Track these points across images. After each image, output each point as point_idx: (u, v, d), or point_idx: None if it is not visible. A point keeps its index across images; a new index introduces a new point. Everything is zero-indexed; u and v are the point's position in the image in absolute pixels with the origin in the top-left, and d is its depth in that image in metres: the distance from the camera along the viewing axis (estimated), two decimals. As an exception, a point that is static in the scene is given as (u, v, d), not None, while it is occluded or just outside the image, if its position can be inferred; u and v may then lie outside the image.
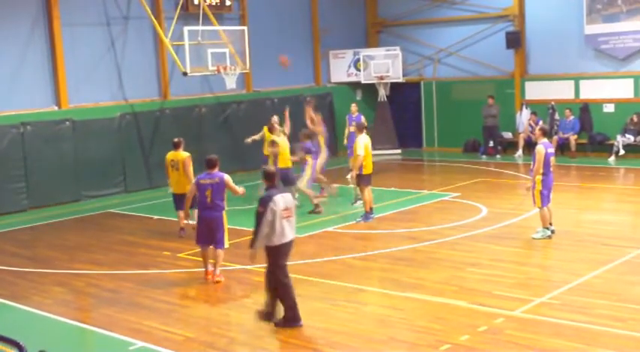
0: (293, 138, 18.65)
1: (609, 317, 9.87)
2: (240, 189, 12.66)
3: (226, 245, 12.64)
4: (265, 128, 19.28)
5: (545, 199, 14.02)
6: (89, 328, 10.81)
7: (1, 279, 13.36)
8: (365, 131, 16.78)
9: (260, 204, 9.90)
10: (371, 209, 16.53)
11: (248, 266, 13.16)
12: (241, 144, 21.16)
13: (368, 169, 16.38)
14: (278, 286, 10.06)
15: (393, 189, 20.13)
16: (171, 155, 15.54)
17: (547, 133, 14.72)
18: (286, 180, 16.66)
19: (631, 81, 23.61)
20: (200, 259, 12.99)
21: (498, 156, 25.09)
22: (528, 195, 18.80)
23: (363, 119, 19.83)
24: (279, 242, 9.92)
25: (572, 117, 24.21)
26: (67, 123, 20.58)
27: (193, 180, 13.01)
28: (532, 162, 14.18)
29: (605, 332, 9.41)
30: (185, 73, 20.72)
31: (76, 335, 10.76)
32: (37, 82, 20.48)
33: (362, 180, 16.38)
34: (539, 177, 13.94)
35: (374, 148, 27.19)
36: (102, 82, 21.70)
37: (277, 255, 10.01)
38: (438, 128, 27.67)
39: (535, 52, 25.57)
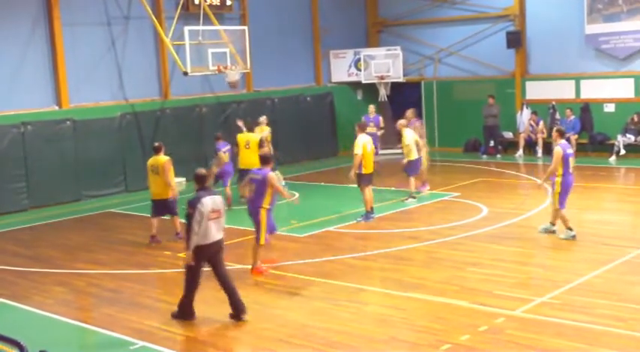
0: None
1: (610, 317, 9.87)
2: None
3: (261, 242, 12.70)
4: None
5: (563, 200, 13.93)
6: (90, 328, 10.81)
7: (1, 279, 13.36)
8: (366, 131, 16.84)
9: (189, 206, 10.37)
10: (372, 208, 16.53)
11: (248, 266, 13.17)
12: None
13: (368, 169, 16.40)
14: (187, 283, 10.54)
15: (393, 188, 20.12)
16: (152, 160, 15.49)
17: (564, 134, 14.56)
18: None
19: (631, 81, 23.60)
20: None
21: (499, 155, 25.09)
22: (530, 195, 18.85)
23: (380, 120, 19.87)
24: (201, 243, 10.28)
25: (572, 117, 24.20)
26: (68, 122, 20.58)
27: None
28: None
29: (606, 332, 9.40)
30: (186, 73, 20.72)
31: (77, 335, 10.76)
32: (38, 81, 20.48)
33: (362, 179, 16.39)
34: (558, 179, 13.85)
35: (374, 148, 27.33)
36: (102, 81, 21.70)
37: (199, 255, 10.32)
38: (438, 128, 27.66)
39: (536, 52, 25.56)
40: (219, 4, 23.58)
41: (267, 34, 25.47)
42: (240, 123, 19.36)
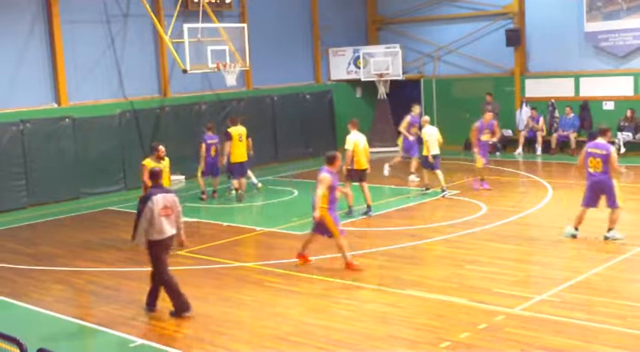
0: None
1: (609, 315, 9.87)
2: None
3: (336, 234, 12.64)
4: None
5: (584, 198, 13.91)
6: (89, 325, 10.80)
7: (0, 277, 13.36)
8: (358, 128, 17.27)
9: (140, 202, 10.88)
10: (369, 206, 16.56)
11: (248, 264, 13.17)
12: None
13: (359, 165, 16.56)
14: (159, 281, 10.90)
15: (392, 186, 20.11)
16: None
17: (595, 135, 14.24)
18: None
19: (631, 78, 23.59)
20: (198, 256, 12.98)
21: (498, 153, 25.08)
22: (527, 194, 18.89)
23: (424, 119, 19.97)
24: (158, 237, 10.64)
25: (572, 115, 24.20)
26: (67, 120, 20.57)
27: None
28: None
29: (605, 330, 9.40)
30: (185, 71, 20.71)
31: (75, 333, 10.75)
32: (37, 79, 20.46)
33: (352, 174, 16.57)
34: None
35: (373, 146, 27.36)
36: (102, 79, 21.68)
37: (157, 249, 10.72)
38: (437, 125, 27.52)
39: (535, 50, 25.55)
40: (218, 1, 23.57)
41: (266, 31, 25.45)
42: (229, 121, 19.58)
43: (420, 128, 19.53)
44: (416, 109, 21.53)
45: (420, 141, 19.75)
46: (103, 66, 21.75)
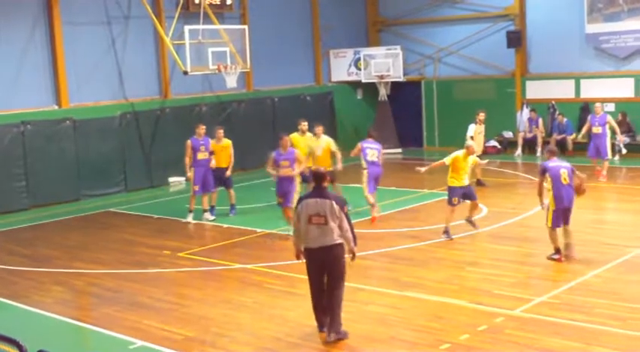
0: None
1: (609, 317, 9.87)
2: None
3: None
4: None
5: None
6: (89, 327, 10.81)
7: (1, 278, 13.37)
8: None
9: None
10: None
11: (248, 266, 13.18)
12: (241, 143, 21.12)
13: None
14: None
15: (393, 188, 20.12)
16: None
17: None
18: None
19: (632, 80, 23.59)
20: (199, 258, 12.97)
21: (499, 155, 25.09)
22: (528, 195, 18.88)
23: (608, 117, 20.04)
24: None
25: (565, 120, 24.29)
26: (68, 122, 20.59)
27: None
28: None
29: (604, 332, 9.41)
30: (186, 72, 20.72)
31: (75, 334, 10.77)
32: (38, 81, 20.48)
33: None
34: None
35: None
36: (102, 81, 21.70)
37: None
38: (438, 127, 27.67)
39: (536, 51, 25.55)
40: (219, 3, 23.58)
41: (267, 33, 25.46)
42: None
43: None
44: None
45: None
46: (104, 67, 21.77)
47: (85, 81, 21.28)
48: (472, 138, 19.52)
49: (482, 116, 20.05)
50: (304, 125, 17.81)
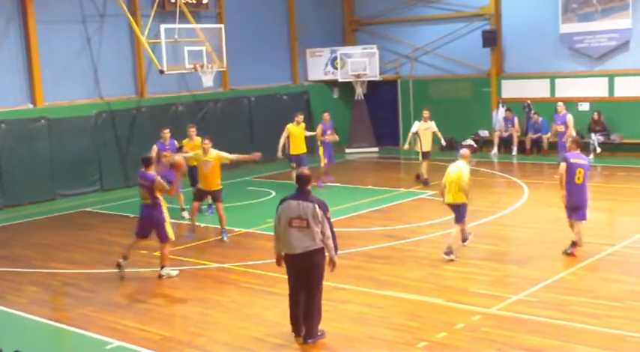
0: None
1: (585, 314, 9.96)
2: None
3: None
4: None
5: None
6: (65, 327, 10.73)
7: (-25, 279, 13.25)
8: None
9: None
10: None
11: (225, 265, 13.15)
12: (217, 142, 21.01)
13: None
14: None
15: (369, 187, 20.15)
16: None
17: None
18: None
19: (605, 80, 23.80)
20: (175, 258, 12.91)
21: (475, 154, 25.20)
22: (504, 193, 19.01)
23: (568, 116, 20.05)
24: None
25: (540, 119, 24.48)
26: (43, 121, 20.41)
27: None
28: None
29: (580, 329, 9.49)
30: (162, 71, 20.62)
31: (51, 335, 10.68)
32: (12, 79, 20.28)
33: None
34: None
35: (351, 146, 27.45)
36: (78, 79, 21.53)
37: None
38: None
39: (511, 51, 25.71)
40: (195, 2, 23.48)
41: (243, 32, 25.41)
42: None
43: None
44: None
45: None
46: (79, 66, 21.60)
47: (60, 80, 21.11)
48: (416, 134, 19.72)
49: (425, 114, 20.10)
50: (300, 117, 20.11)
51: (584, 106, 24.16)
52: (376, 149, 27.60)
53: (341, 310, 10.69)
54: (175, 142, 17.40)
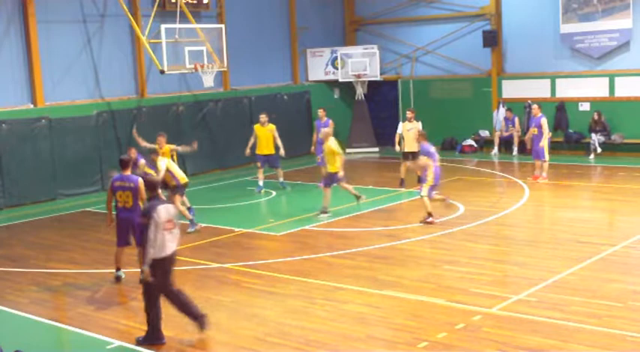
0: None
1: (585, 314, 9.96)
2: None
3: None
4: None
5: None
6: (65, 327, 10.73)
7: (-24, 279, 13.25)
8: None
9: (143, 215, 9.65)
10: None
11: (225, 265, 13.15)
12: (217, 142, 21.10)
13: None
14: (150, 302, 9.79)
15: (370, 187, 20.15)
16: None
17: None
18: None
19: (606, 80, 23.79)
20: (180, 258, 12.88)
21: (475, 154, 25.21)
22: (504, 194, 19.00)
23: (542, 119, 19.86)
24: (159, 255, 9.55)
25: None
26: (43, 121, 20.41)
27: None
28: None
29: (580, 329, 9.49)
30: (162, 71, 20.63)
31: (52, 335, 10.69)
32: (13, 79, 20.28)
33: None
34: None
35: (351, 146, 27.45)
36: (78, 79, 21.54)
37: (160, 269, 9.63)
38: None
39: (512, 51, 25.71)
40: (195, 2, 23.50)
41: (244, 32, 25.43)
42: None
43: None
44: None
45: None
46: (80, 66, 21.61)
47: (61, 80, 21.13)
48: (401, 135, 19.71)
49: (409, 114, 20.08)
50: (264, 117, 20.06)
51: (585, 106, 24.16)
52: (377, 149, 27.60)
53: (341, 310, 10.69)
54: (142, 161, 15.79)
